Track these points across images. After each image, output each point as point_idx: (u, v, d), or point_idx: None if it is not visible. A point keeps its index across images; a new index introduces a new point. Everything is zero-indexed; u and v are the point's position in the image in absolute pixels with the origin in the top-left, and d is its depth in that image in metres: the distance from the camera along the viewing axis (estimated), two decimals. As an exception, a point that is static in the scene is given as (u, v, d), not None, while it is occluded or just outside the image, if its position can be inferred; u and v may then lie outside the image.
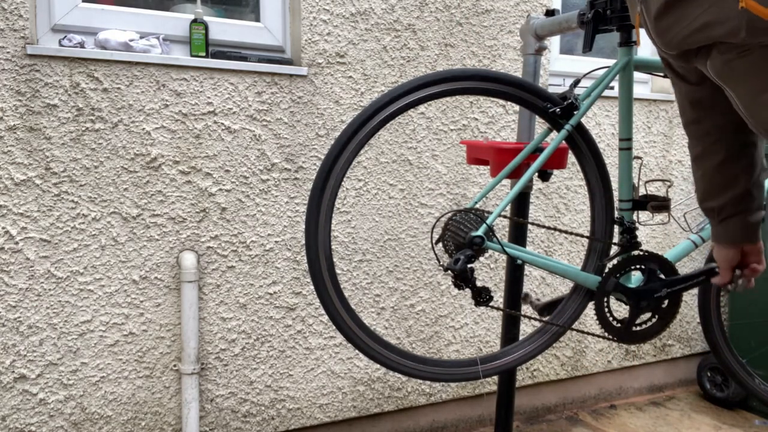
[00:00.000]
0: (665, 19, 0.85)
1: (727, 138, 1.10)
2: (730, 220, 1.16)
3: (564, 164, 1.49)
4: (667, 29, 0.86)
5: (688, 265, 2.85)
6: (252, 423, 2.04)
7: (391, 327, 2.22)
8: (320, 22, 2.00)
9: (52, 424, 1.78)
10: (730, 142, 1.10)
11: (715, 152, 1.11)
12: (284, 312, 2.05)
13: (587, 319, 2.49)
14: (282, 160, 1.99)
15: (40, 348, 1.75)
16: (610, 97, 2.52)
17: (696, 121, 1.12)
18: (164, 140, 1.83)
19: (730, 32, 0.78)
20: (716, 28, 0.79)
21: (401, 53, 2.14)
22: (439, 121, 2.22)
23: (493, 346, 2.41)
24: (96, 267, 1.79)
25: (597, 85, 1.40)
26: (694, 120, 1.12)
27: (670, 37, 0.87)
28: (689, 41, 0.85)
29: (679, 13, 0.83)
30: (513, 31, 2.33)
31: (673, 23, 0.85)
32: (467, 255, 1.26)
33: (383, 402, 2.24)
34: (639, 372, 2.83)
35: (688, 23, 0.82)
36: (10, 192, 1.68)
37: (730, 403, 2.71)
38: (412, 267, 2.23)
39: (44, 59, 1.68)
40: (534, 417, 2.59)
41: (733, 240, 1.19)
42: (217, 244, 1.93)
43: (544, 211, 2.48)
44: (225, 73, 1.89)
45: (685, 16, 0.82)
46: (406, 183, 2.19)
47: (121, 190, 1.80)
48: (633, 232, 1.44)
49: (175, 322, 1.90)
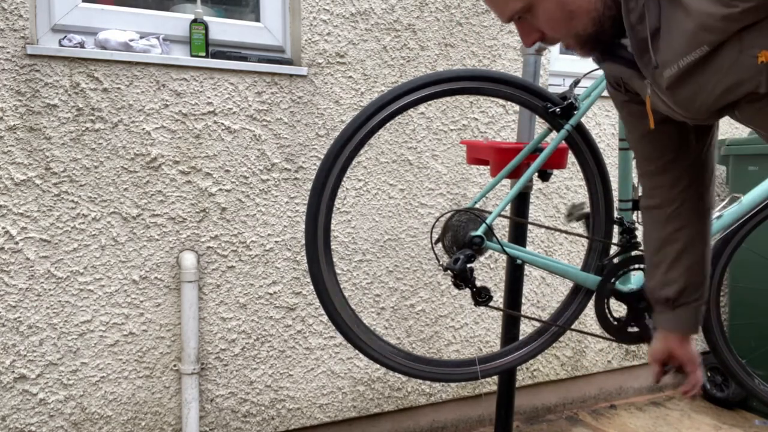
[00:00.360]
0: (682, 92, 0.82)
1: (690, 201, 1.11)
2: (687, 307, 1.16)
3: (564, 164, 1.49)
4: (690, 101, 0.83)
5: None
6: (252, 423, 2.04)
7: (391, 327, 2.22)
8: (320, 22, 2.00)
9: (52, 424, 1.78)
10: (692, 208, 1.11)
11: (678, 228, 1.13)
12: (284, 312, 2.05)
13: (587, 319, 2.49)
14: (282, 160, 1.99)
15: (40, 348, 1.75)
16: (610, 98, 2.52)
17: (656, 172, 1.12)
18: (164, 140, 1.83)
19: (755, 88, 0.76)
20: (740, 88, 0.77)
21: (401, 53, 2.14)
22: (439, 121, 2.22)
23: (493, 346, 2.41)
24: (96, 267, 1.79)
25: (597, 86, 1.40)
26: (654, 170, 1.12)
27: (697, 107, 0.83)
28: (716, 106, 0.82)
29: (696, 85, 0.80)
30: (513, 31, 2.33)
31: (693, 95, 0.82)
32: (467, 255, 1.26)
33: (383, 402, 2.24)
34: (639, 372, 2.83)
35: (710, 91, 0.80)
36: (10, 192, 1.68)
37: (730, 403, 2.71)
38: (412, 267, 2.23)
39: (44, 59, 1.68)
40: (534, 417, 2.59)
41: (686, 327, 1.18)
42: (217, 244, 1.93)
43: (544, 211, 2.48)
44: (225, 73, 1.89)
45: (704, 86, 0.79)
46: (406, 183, 2.19)
47: (121, 190, 1.80)
48: (633, 232, 1.44)
49: (175, 322, 1.90)
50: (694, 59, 0.77)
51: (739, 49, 0.73)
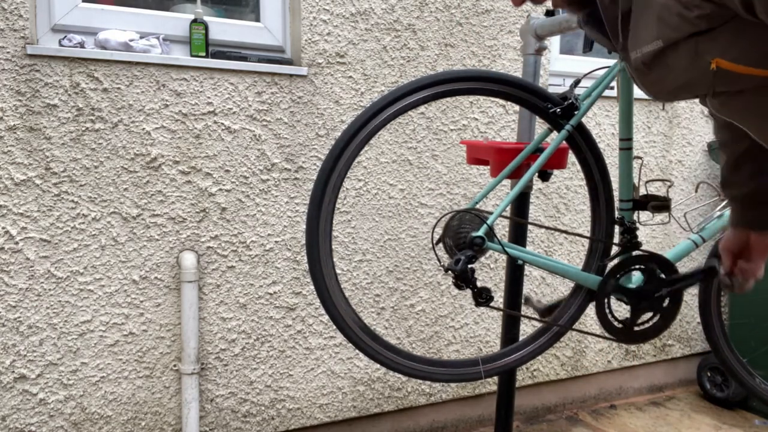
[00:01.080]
0: (646, 77, 0.86)
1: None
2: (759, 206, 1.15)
3: (564, 164, 1.49)
4: (652, 86, 0.87)
5: (688, 265, 2.85)
6: (252, 423, 2.04)
7: (391, 327, 2.22)
8: (320, 22, 2.00)
9: (52, 424, 1.78)
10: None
11: (743, 137, 1.10)
12: (284, 312, 2.05)
13: (587, 319, 2.49)
14: (282, 160, 1.99)
15: (40, 348, 1.75)
16: (610, 97, 2.52)
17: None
18: (164, 140, 1.83)
19: (707, 91, 0.79)
20: (695, 88, 0.80)
21: (401, 53, 2.14)
22: (439, 121, 2.22)
23: (493, 346, 2.41)
24: (96, 267, 1.79)
25: (597, 85, 1.40)
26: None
27: (656, 91, 0.87)
28: (676, 98, 0.86)
29: (656, 74, 0.83)
30: (513, 31, 2.32)
31: (653, 83, 0.85)
32: (468, 255, 1.25)
33: (383, 402, 2.24)
34: (639, 372, 2.83)
35: (669, 83, 0.83)
36: (10, 192, 1.68)
37: (730, 403, 2.71)
38: (412, 267, 2.23)
39: (44, 59, 1.67)
40: (534, 417, 2.59)
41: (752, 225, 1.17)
42: (217, 244, 1.93)
43: (544, 211, 2.48)
44: (225, 73, 1.89)
45: (663, 77, 0.82)
46: (406, 183, 2.19)
47: (121, 190, 1.80)
48: (633, 232, 1.44)
49: (175, 322, 1.90)
50: (652, 50, 0.79)
51: (695, 51, 0.75)
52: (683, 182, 2.80)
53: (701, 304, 1.59)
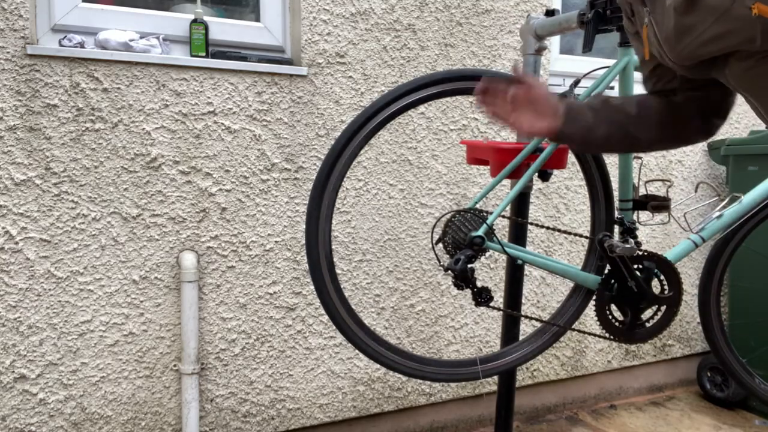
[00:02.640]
0: (684, 18, 0.79)
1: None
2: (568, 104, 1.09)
3: (564, 164, 1.49)
4: (677, 37, 0.81)
5: (688, 265, 2.85)
6: (252, 423, 2.04)
7: (391, 327, 2.22)
8: (320, 22, 2.00)
9: (52, 424, 1.78)
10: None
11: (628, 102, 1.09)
12: (284, 312, 2.05)
13: (587, 319, 2.49)
14: (282, 160, 1.99)
15: (40, 348, 1.75)
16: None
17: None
18: (164, 140, 1.83)
19: (745, 40, 0.73)
20: (729, 38, 0.75)
21: (401, 53, 2.14)
22: (439, 121, 2.22)
23: (493, 346, 2.41)
24: (96, 267, 1.79)
25: (597, 85, 1.41)
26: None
27: (682, 48, 0.82)
28: (701, 52, 0.80)
29: (688, 22, 0.78)
30: (513, 31, 2.33)
31: (682, 33, 0.80)
32: (468, 255, 1.26)
33: (383, 402, 2.24)
34: (639, 372, 2.83)
35: (699, 34, 0.78)
36: (10, 192, 1.68)
37: (730, 403, 2.71)
38: (412, 267, 2.23)
39: (44, 59, 1.68)
40: (534, 417, 2.59)
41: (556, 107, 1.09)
42: (217, 244, 1.93)
43: (544, 211, 2.48)
44: (225, 73, 1.89)
45: (694, 26, 0.77)
46: (406, 183, 2.19)
47: (121, 190, 1.80)
48: (633, 232, 1.44)
49: (175, 322, 1.90)
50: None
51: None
52: (683, 182, 2.81)
53: (701, 304, 1.60)
